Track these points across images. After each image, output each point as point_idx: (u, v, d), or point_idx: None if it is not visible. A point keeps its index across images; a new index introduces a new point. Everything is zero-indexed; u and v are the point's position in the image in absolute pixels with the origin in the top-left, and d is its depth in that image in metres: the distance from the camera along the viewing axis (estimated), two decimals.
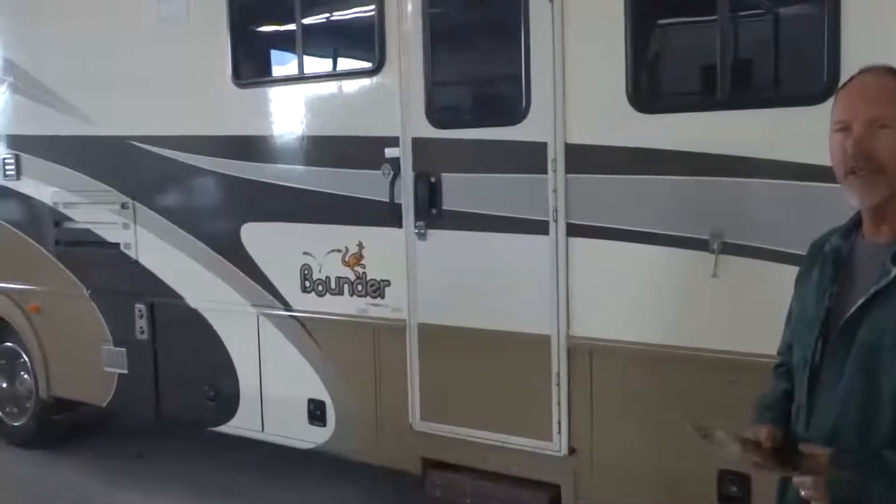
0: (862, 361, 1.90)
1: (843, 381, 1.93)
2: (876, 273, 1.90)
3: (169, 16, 5.06)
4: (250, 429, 5.09)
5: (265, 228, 4.87)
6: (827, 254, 2.06)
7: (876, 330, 1.88)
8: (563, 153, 3.83)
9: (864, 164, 1.90)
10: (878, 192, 1.92)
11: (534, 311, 3.98)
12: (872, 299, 1.89)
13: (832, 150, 1.99)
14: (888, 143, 1.89)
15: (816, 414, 2.01)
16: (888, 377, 1.85)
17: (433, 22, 4.15)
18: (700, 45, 3.71)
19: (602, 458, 3.91)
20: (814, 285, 2.06)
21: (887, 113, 1.89)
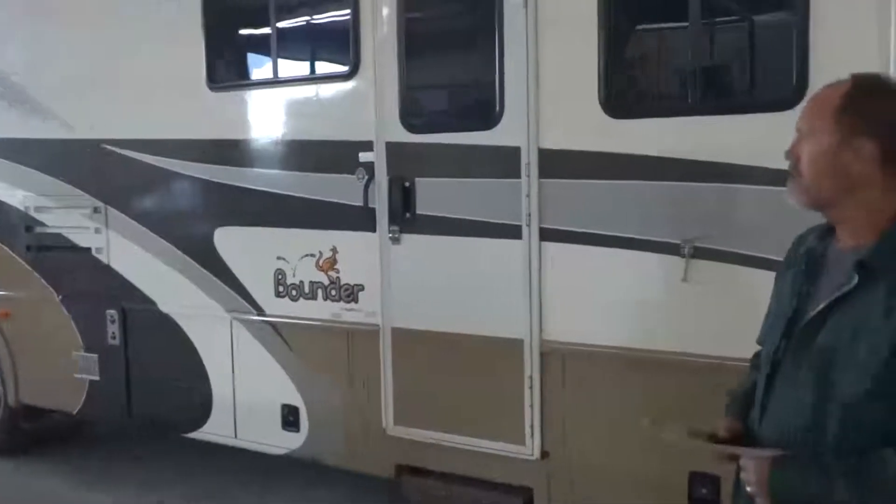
0: (818, 365, 1.90)
1: (798, 381, 1.95)
2: (840, 278, 1.90)
3: (142, 18, 5.02)
4: (223, 435, 5.05)
5: (239, 233, 4.84)
6: (802, 254, 2.08)
7: (834, 335, 1.88)
8: (536, 158, 3.84)
9: (791, 168, 1.97)
10: (797, 196, 1.97)
11: (507, 316, 3.98)
12: (834, 304, 1.90)
13: None
14: (805, 150, 1.94)
15: (770, 411, 2.03)
16: (840, 383, 1.86)
17: (408, 27, 4.15)
18: (672, 51, 3.76)
19: (575, 462, 3.92)
20: (788, 283, 2.08)
21: (811, 124, 1.94)
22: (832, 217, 2.00)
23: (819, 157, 1.92)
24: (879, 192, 1.91)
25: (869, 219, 1.91)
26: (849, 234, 1.96)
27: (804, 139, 1.95)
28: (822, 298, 1.93)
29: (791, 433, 1.94)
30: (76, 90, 5.35)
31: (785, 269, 2.14)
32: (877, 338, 1.80)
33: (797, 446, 1.91)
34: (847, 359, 1.85)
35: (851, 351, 1.84)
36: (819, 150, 1.92)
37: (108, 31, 5.19)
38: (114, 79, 5.16)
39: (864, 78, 1.94)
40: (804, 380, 1.93)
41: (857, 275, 1.86)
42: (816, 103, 1.97)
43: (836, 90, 1.94)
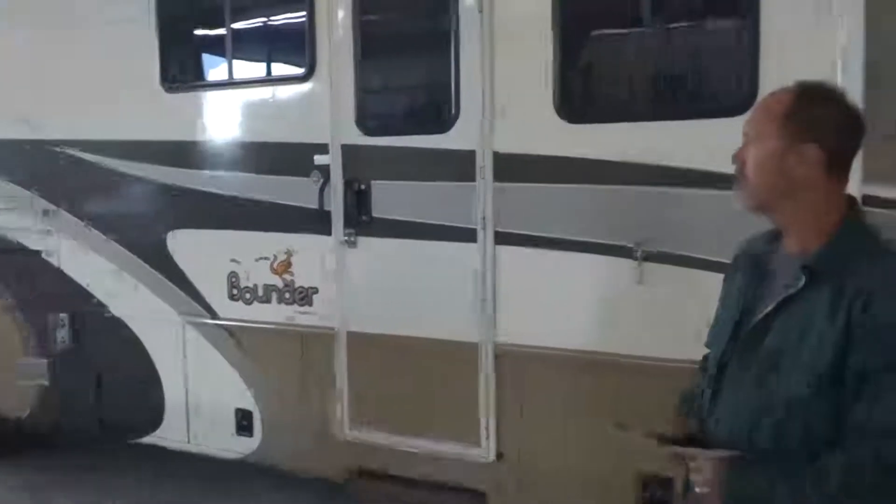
0: (764, 366, 1.93)
1: (745, 383, 1.97)
2: (787, 282, 1.93)
3: (95, 16, 4.93)
4: (176, 440, 4.97)
5: (192, 236, 4.77)
6: (749, 257, 2.11)
7: (780, 337, 1.91)
8: (491, 162, 3.84)
9: (738, 173, 2.00)
10: (744, 200, 2.00)
11: (462, 319, 3.98)
12: (780, 307, 1.92)
13: None
14: (751, 155, 1.97)
15: (718, 413, 2.05)
16: (785, 384, 1.88)
17: (364, 29, 4.13)
18: (626, 57, 3.77)
19: (529, 464, 3.92)
20: (735, 287, 2.10)
21: (757, 129, 1.97)
22: (778, 221, 2.02)
23: (765, 161, 1.94)
24: (823, 197, 1.94)
25: (814, 223, 1.94)
26: (795, 238, 1.99)
27: (750, 144, 1.98)
28: (769, 301, 1.95)
29: (738, 434, 1.96)
30: (27, 90, 5.22)
31: (732, 272, 2.17)
32: (821, 340, 1.83)
33: (745, 447, 1.93)
34: (792, 361, 1.87)
35: (797, 353, 1.86)
36: (765, 155, 1.94)
37: (59, 30, 5.07)
38: (65, 78, 5.05)
39: (808, 85, 1.96)
40: (751, 382, 1.95)
41: (803, 278, 1.88)
42: (762, 109, 2.00)
43: (781, 97, 1.97)
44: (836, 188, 1.94)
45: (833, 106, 1.94)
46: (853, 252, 1.89)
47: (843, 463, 1.78)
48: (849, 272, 1.84)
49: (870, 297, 1.79)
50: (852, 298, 1.80)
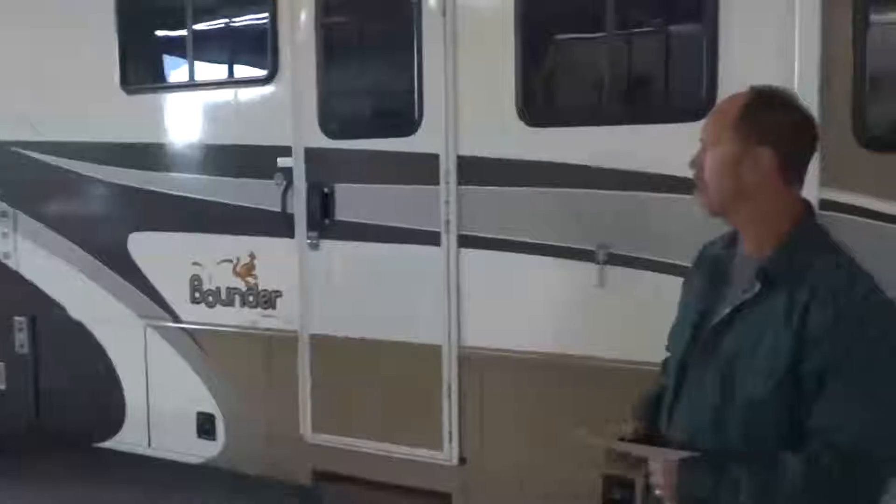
0: (722, 369, 1.93)
1: (705, 385, 1.97)
2: (744, 285, 1.93)
3: (55, 17, 4.85)
4: (137, 444, 4.90)
5: (154, 238, 4.71)
6: (709, 260, 2.11)
7: (738, 340, 1.91)
8: (454, 165, 3.84)
9: (696, 177, 2.01)
10: (702, 204, 2.01)
11: (425, 322, 3.97)
12: (737, 310, 1.93)
13: None
14: (708, 160, 1.97)
15: (678, 414, 2.05)
16: (742, 386, 1.88)
17: (327, 32, 4.13)
18: (588, 62, 3.80)
19: (492, 467, 3.91)
20: (695, 289, 2.11)
21: (713, 134, 1.97)
22: (735, 224, 2.03)
23: (720, 165, 1.95)
24: (778, 201, 1.95)
25: (769, 226, 1.94)
26: (751, 241, 1.99)
27: (707, 149, 1.98)
28: (728, 304, 1.96)
29: (698, 434, 1.96)
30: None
31: (692, 275, 2.17)
32: (777, 343, 1.83)
33: (704, 447, 1.93)
34: (749, 363, 1.87)
35: (753, 356, 1.87)
36: (720, 160, 1.94)
37: (18, 30, 4.99)
38: (24, 79, 4.96)
39: (762, 90, 1.97)
40: (710, 383, 1.95)
41: (758, 282, 1.89)
42: (718, 114, 2.01)
43: (735, 102, 1.97)
44: (790, 192, 1.96)
45: (786, 111, 1.95)
46: (806, 255, 1.89)
47: (803, 464, 1.78)
48: (802, 275, 1.85)
49: (819, 302, 1.80)
50: (804, 302, 1.81)
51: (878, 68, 3.13)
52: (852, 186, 3.09)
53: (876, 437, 1.78)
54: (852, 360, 1.78)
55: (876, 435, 1.78)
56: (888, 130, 3.18)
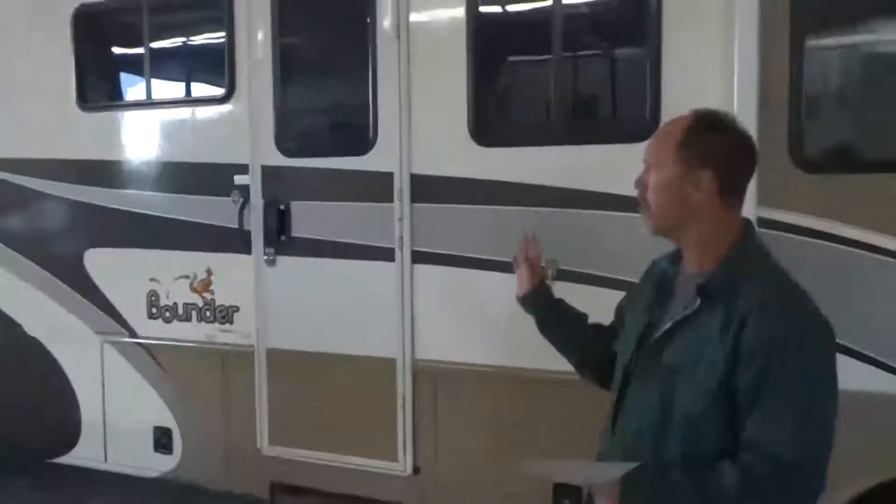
0: (662, 381, 1.96)
1: (647, 396, 1.99)
2: (686, 301, 1.96)
3: (10, 33, 4.77)
4: (93, 459, 4.79)
5: (110, 254, 4.63)
6: (656, 274, 2.14)
7: (677, 354, 1.94)
8: (408, 183, 3.83)
9: (640, 197, 2.04)
10: (646, 223, 2.04)
11: (380, 336, 3.94)
12: (678, 325, 1.95)
13: None
14: (651, 180, 2.00)
15: (621, 422, 2.08)
16: (682, 399, 1.91)
17: (283, 52, 4.09)
18: (537, 84, 3.79)
19: (445, 477, 3.91)
20: (642, 302, 2.14)
21: (656, 156, 2.01)
22: (678, 242, 2.06)
23: (663, 186, 1.97)
24: (718, 221, 1.97)
25: (710, 245, 1.97)
26: (694, 259, 2.02)
27: (650, 170, 2.01)
28: (669, 319, 1.99)
29: (639, 445, 1.98)
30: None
31: (641, 286, 2.21)
32: (714, 358, 1.86)
33: (647, 459, 1.94)
34: (688, 376, 1.90)
35: (692, 369, 1.89)
36: (663, 181, 1.97)
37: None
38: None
39: (703, 113, 2.00)
40: (652, 394, 1.98)
41: (698, 298, 1.91)
42: (660, 137, 2.04)
43: (678, 125, 2.00)
44: (730, 212, 1.98)
45: (726, 134, 1.97)
46: (744, 273, 1.92)
47: (738, 475, 1.80)
48: (739, 292, 1.87)
49: (752, 318, 1.83)
50: (740, 318, 1.84)
51: (814, 93, 3.19)
52: (788, 206, 3.12)
53: (806, 452, 1.81)
54: (785, 375, 1.81)
55: (806, 450, 1.81)
56: (823, 152, 3.23)
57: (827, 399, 1.84)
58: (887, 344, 3.06)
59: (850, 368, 2.65)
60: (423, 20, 3.79)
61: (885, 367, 3.06)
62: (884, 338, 3.06)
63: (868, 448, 2.86)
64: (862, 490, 3.07)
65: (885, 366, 3.06)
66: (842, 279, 3.04)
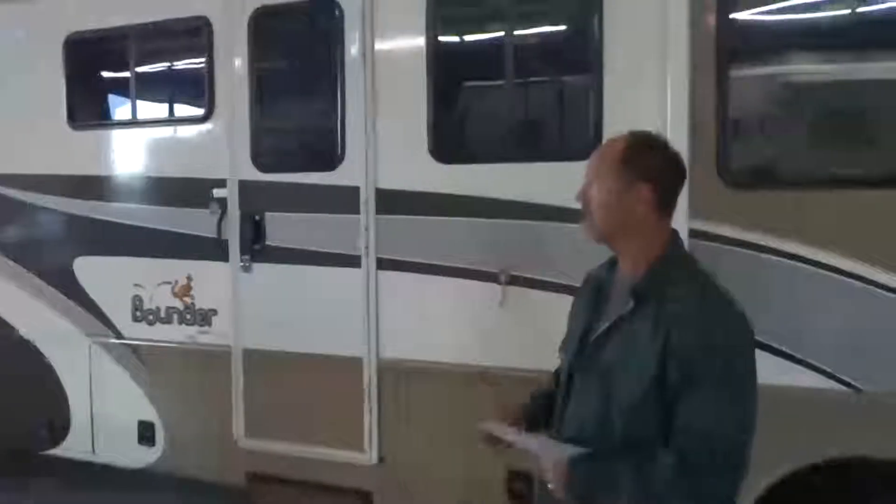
0: (602, 378, 1.95)
1: (589, 391, 1.99)
2: (622, 303, 1.95)
3: (8, 60, 4.66)
4: (81, 451, 4.66)
5: (98, 262, 4.52)
6: (593, 281, 2.14)
7: (614, 352, 1.94)
8: (373, 197, 3.79)
9: (583, 209, 2.03)
10: (588, 232, 2.03)
11: (348, 336, 3.88)
12: (614, 325, 1.96)
13: None
14: (594, 194, 2.00)
15: (567, 415, 2.07)
16: (620, 392, 1.90)
17: (259, 76, 4.04)
18: (492, 106, 3.77)
19: (408, 466, 3.84)
20: (582, 307, 2.13)
21: (598, 171, 2.00)
22: (616, 250, 2.06)
23: (606, 199, 1.97)
24: (653, 230, 1.98)
25: (644, 252, 1.97)
26: (629, 265, 2.02)
27: (592, 184, 2.01)
28: (606, 319, 2.00)
29: (584, 437, 1.98)
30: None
31: (580, 294, 2.20)
32: (646, 355, 1.86)
33: (591, 445, 1.94)
34: (625, 372, 1.90)
35: (627, 365, 1.90)
36: (606, 194, 1.97)
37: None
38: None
39: (639, 134, 2.01)
40: (593, 389, 1.98)
41: (632, 300, 1.92)
42: (602, 154, 2.03)
43: (618, 143, 2.01)
44: (663, 222, 1.99)
45: (660, 152, 1.99)
46: (672, 277, 1.93)
47: (673, 458, 1.80)
48: (665, 295, 1.89)
49: (679, 318, 1.84)
50: (666, 319, 1.85)
51: (739, 117, 3.19)
52: (716, 218, 3.12)
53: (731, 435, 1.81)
54: (712, 368, 1.81)
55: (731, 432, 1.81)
56: (746, 171, 3.23)
57: (746, 389, 1.85)
58: (801, 341, 3.05)
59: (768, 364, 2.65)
60: (386, 48, 3.76)
61: (800, 361, 3.05)
62: (798, 336, 3.05)
63: (783, 437, 2.85)
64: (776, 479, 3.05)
65: (800, 360, 3.05)
66: (763, 284, 3.04)
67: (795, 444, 3.00)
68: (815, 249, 3.00)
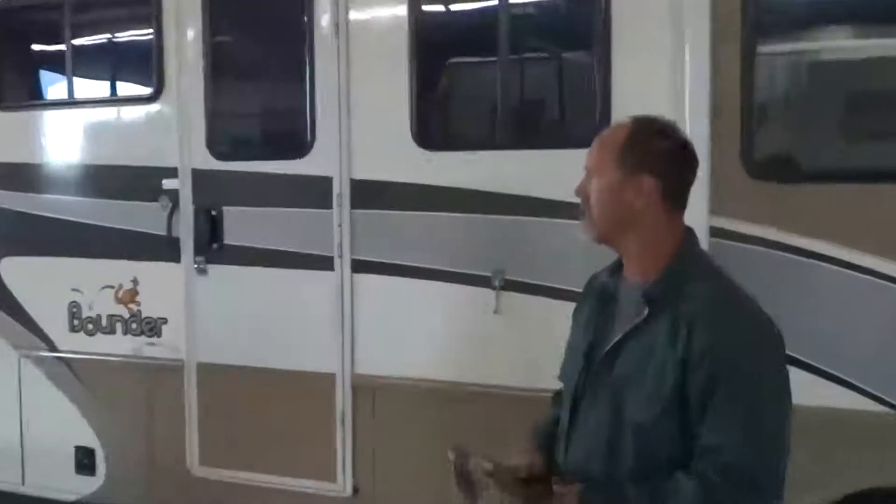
0: (613, 396, 1.91)
1: (598, 411, 1.95)
2: (632, 311, 1.91)
3: None
4: (9, 482, 4.48)
5: (29, 263, 4.39)
6: (595, 290, 2.09)
7: (627, 364, 1.90)
8: (348, 188, 3.67)
9: (582, 205, 1.99)
10: (588, 231, 1.99)
11: (318, 349, 3.78)
12: (627, 336, 1.91)
13: None
14: (593, 187, 1.96)
15: (573, 442, 2.02)
16: (633, 409, 1.87)
17: (215, 50, 3.90)
18: (483, 86, 3.70)
19: (385, 496, 3.72)
20: (584, 319, 2.09)
21: (597, 163, 1.96)
22: (620, 251, 2.01)
23: (605, 193, 1.94)
24: (661, 227, 1.95)
25: (652, 252, 1.94)
26: (636, 268, 1.98)
27: (592, 177, 1.96)
28: (617, 331, 1.95)
29: (593, 461, 1.94)
30: None
31: (580, 305, 2.16)
32: (663, 366, 1.83)
33: (599, 474, 1.91)
34: (639, 386, 1.86)
35: (642, 379, 1.86)
36: (605, 187, 1.94)
37: None
38: None
39: (643, 120, 1.97)
40: (603, 409, 1.94)
41: (646, 307, 1.88)
42: (600, 144, 1.99)
43: (618, 131, 1.97)
44: (672, 218, 1.96)
45: (666, 139, 1.95)
46: (689, 280, 1.90)
47: (693, 486, 1.77)
48: (683, 299, 1.85)
49: (700, 323, 1.81)
50: (686, 325, 1.81)
51: (765, 102, 3.12)
52: (740, 214, 3.06)
53: (758, 459, 1.78)
54: (735, 380, 1.78)
55: (758, 456, 1.78)
56: (774, 161, 3.16)
57: (778, 404, 1.83)
58: (838, 355, 3.00)
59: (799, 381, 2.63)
60: (363, 18, 3.63)
61: (836, 379, 3.01)
62: (835, 349, 3.00)
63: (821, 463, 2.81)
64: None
65: (836, 378, 3.01)
66: (793, 288, 3.00)
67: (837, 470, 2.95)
68: (857, 252, 2.96)
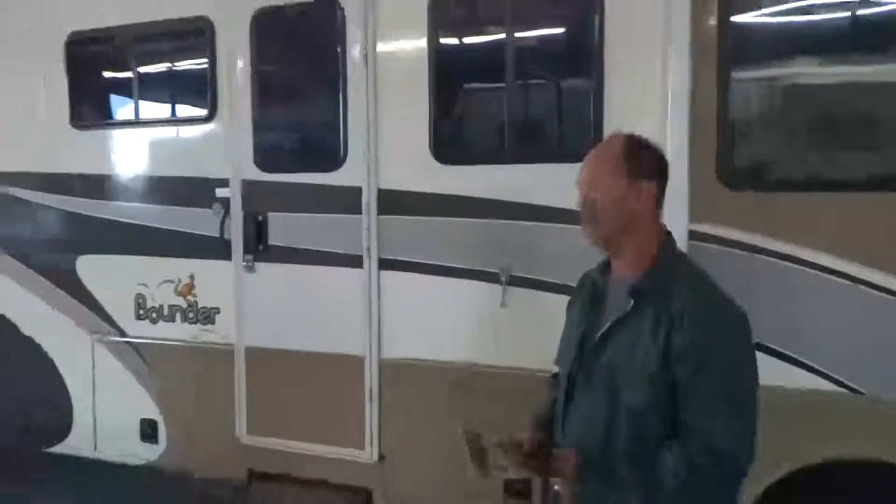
0: (605, 381, 1.94)
1: (591, 396, 1.97)
2: (619, 305, 1.94)
3: (12, 61, 4.63)
4: (83, 448, 4.64)
5: (101, 261, 4.49)
6: (587, 286, 2.11)
7: (615, 353, 1.92)
8: (375, 197, 3.77)
9: (584, 212, 2.00)
10: (591, 236, 2.00)
11: (350, 335, 3.87)
12: (614, 326, 1.93)
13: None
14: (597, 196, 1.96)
15: (569, 425, 2.05)
16: (624, 394, 1.89)
17: (261, 77, 4.02)
18: (493, 108, 3.76)
19: (408, 464, 3.83)
20: (577, 312, 2.12)
21: (597, 174, 1.97)
22: (614, 252, 2.03)
23: (609, 200, 1.95)
24: (652, 226, 1.99)
25: (642, 250, 1.97)
26: (626, 265, 2.00)
27: (593, 187, 1.98)
28: (605, 322, 1.97)
29: (589, 441, 1.96)
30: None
31: (574, 300, 2.18)
32: (647, 357, 1.86)
33: (595, 453, 1.92)
34: (627, 374, 1.89)
35: (629, 367, 1.89)
36: (609, 195, 1.95)
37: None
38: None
39: (629, 134, 2.01)
40: (595, 394, 1.96)
41: (631, 300, 1.91)
42: (599, 157, 2.01)
43: (614, 144, 2.00)
44: (657, 219, 2.00)
45: (653, 150, 2.00)
46: (671, 277, 1.92)
47: (680, 460, 1.80)
48: (668, 295, 1.88)
49: (682, 318, 1.82)
50: (669, 318, 1.84)
51: (739, 119, 3.16)
52: (716, 220, 3.10)
53: (740, 441, 1.82)
54: (719, 371, 1.81)
55: (739, 439, 1.82)
56: (746, 172, 3.21)
57: (753, 389, 1.86)
58: (803, 343, 3.02)
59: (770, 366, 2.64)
60: (388, 49, 3.73)
61: (800, 364, 3.02)
62: (799, 337, 3.02)
63: (782, 438, 2.82)
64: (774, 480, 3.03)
65: (800, 363, 3.02)
66: (762, 283, 3.01)
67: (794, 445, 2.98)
68: (818, 253, 2.96)
